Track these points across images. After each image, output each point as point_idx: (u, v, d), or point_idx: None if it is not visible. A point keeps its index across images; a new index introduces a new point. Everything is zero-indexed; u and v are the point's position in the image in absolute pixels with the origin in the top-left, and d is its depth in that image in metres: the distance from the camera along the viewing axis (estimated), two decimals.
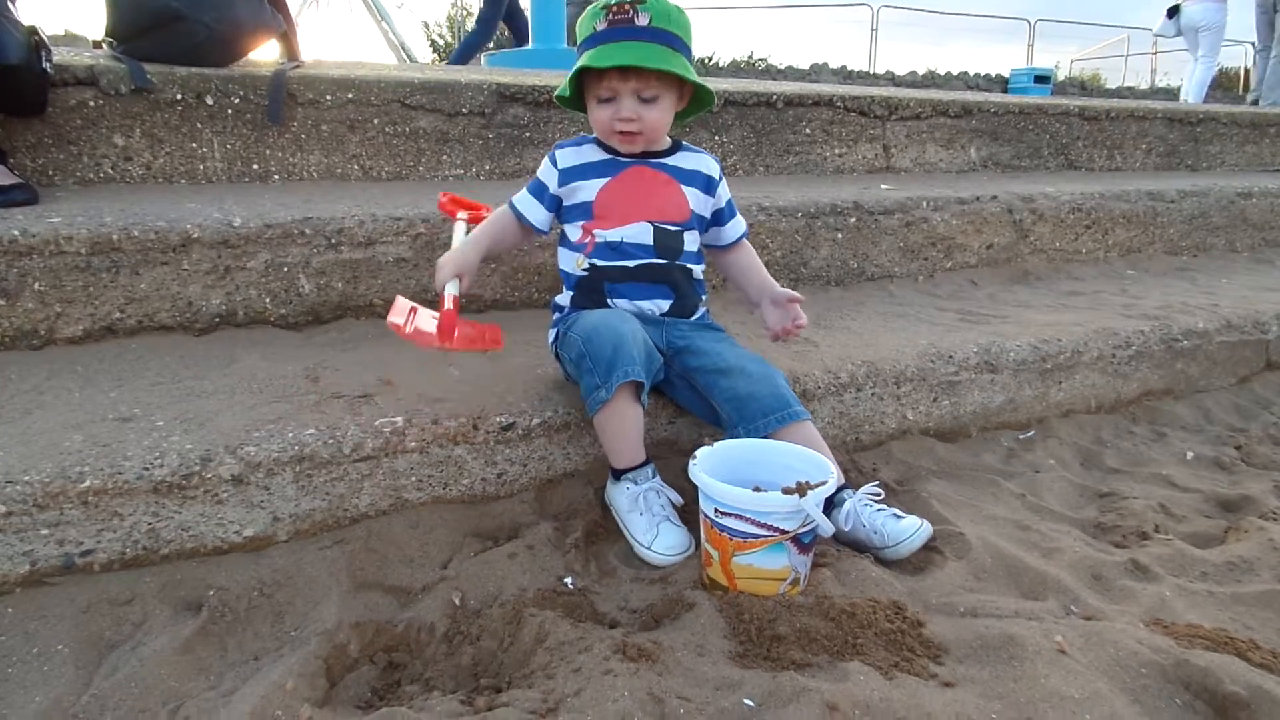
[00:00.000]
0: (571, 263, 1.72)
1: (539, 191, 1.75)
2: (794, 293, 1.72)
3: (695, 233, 1.75)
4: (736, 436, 1.57)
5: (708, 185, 1.77)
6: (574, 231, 1.72)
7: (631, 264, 1.68)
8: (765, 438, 1.54)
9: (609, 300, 1.69)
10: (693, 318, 1.76)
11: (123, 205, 2.07)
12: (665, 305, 1.71)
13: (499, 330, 1.60)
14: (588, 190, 1.70)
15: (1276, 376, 2.56)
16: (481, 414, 1.60)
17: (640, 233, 1.68)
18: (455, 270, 1.62)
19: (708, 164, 1.78)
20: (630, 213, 1.69)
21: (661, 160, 1.74)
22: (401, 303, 1.59)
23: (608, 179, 1.70)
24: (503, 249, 1.93)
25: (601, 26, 1.57)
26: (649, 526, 1.50)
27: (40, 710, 1.11)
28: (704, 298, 1.81)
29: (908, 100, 3.62)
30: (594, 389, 1.51)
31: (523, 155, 2.93)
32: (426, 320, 1.52)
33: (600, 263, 1.68)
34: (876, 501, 1.56)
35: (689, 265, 1.73)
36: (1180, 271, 3.24)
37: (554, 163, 1.73)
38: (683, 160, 1.75)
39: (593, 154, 1.73)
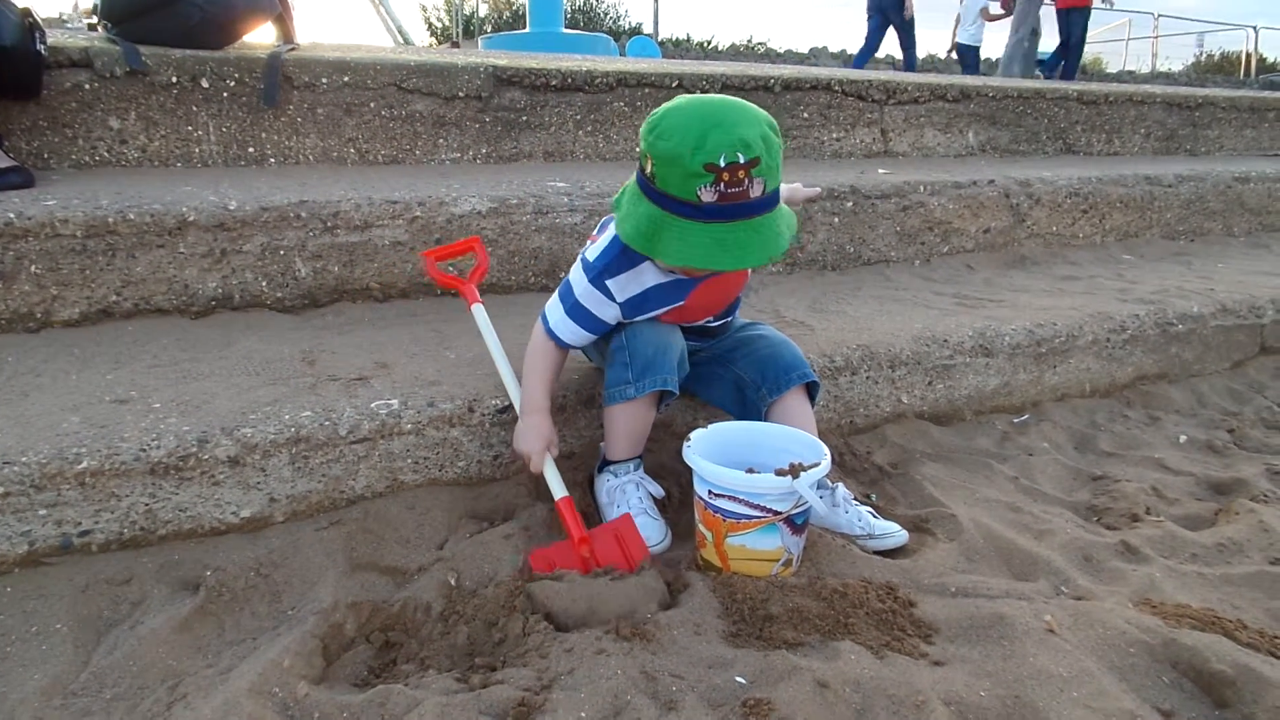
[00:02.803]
0: None
1: (589, 322, 1.52)
2: (811, 191, 1.78)
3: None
4: (758, 398, 1.58)
5: None
6: None
7: (684, 327, 1.63)
8: (782, 397, 1.57)
9: None
10: None
11: (118, 188, 2.07)
12: (708, 345, 1.70)
13: (635, 534, 1.41)
14: (657, 312, 1.53)
15: (1270, 360, 2.57)
16: (477, 396, 1.60)
17: (706, 319, 1.63)
18: (545, 447, 1.46)
19: None
20: (700, 315, 1.59)
21: None
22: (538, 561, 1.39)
23: (679, 303, 1.53)
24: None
25: (709, 197, 1.26)
26: None
27: (40, 688, 1.12)
28: None
29: (905, 84, 3.61)
30: (623, 383, 1.49)
31: (519, 140, 2.93)
32: (564, 555, 1.39)
33: None
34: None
35: (737, 314, 1.70)
36: (1177, 256, 3.24)
37: (609, 295, 1.49)
38: None
39: (652, 274, 1.49)
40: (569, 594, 1.27)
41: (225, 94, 2.51)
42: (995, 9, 9.76)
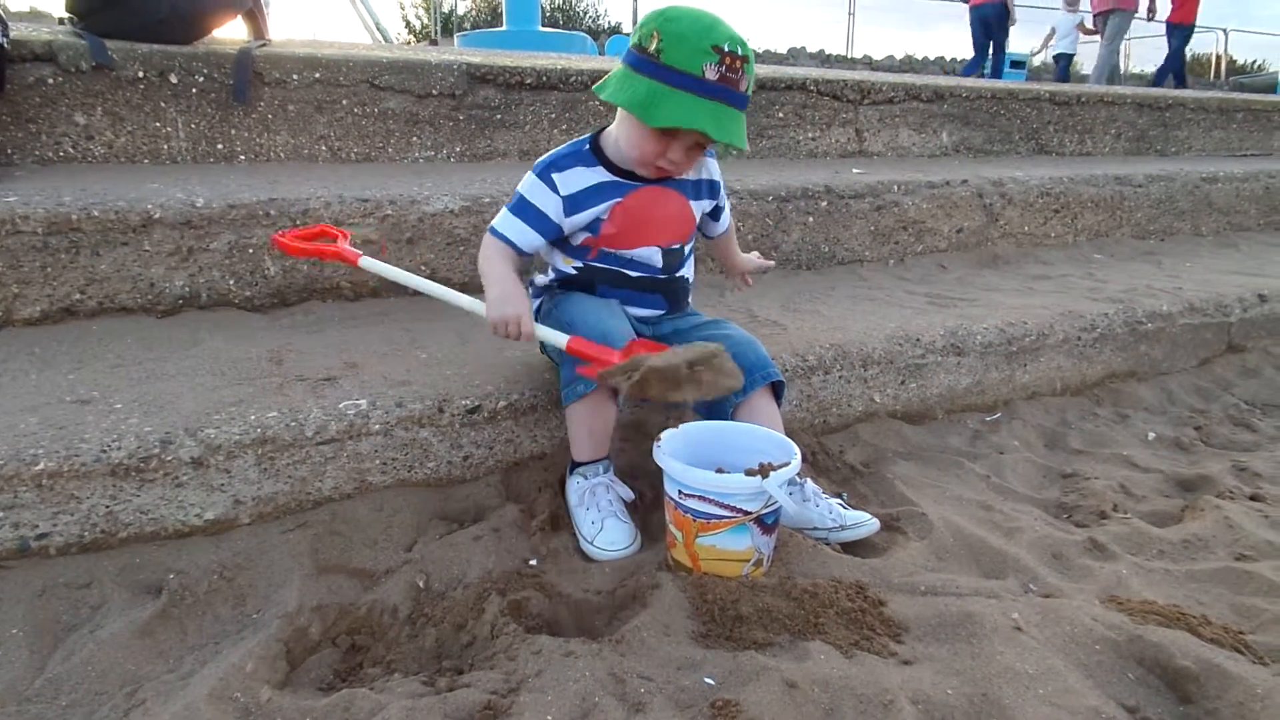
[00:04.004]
0: (559, 258, 1.66)
1: (532, 217, 1.56)
2: (765, 263, 1.94)
3: (694, 240, 1.72)
4: (723, 399, 1.56)
5: (711, 190, 1.70)
6: (576, 237, 1.62)
7: (633, 274, 1.64)
8: (748, 397, 1.56)
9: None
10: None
11: (83, 185, 2.04)
12: (659, 313, 1.69)
13: (654, 345, 1.49)
14: (596, 211, 1.57)
15: (1237, 358, 2.60)
16: (447, 396, 1.59)
17: (650, 255, 1.63)
18: (529, 307, 1.50)
19: (711, 167, 1.70)
20: (642, 238, 1.61)
21: (672, 178, 1.61)
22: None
23: (617, 200, 1.57)
24: None
25: (712, 76, 1.38)
26: (594, 521, 1.49)
27: None
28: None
29: (880, 84, 3.62)
30: (573, 380, 1.49)
31: (494, 138, 2.91)
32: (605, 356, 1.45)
33: (597, 265, 1.63)
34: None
35: (686, 275, 1.71)
36: (1146, 255, 3.27)
37: (553, 187, 1.55)
38: (692, 170, 1.64)
39: (599, 174, 1.56)
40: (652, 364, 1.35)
41: (194, 90, 2.48)
42: (1090, 24, 10.75)
